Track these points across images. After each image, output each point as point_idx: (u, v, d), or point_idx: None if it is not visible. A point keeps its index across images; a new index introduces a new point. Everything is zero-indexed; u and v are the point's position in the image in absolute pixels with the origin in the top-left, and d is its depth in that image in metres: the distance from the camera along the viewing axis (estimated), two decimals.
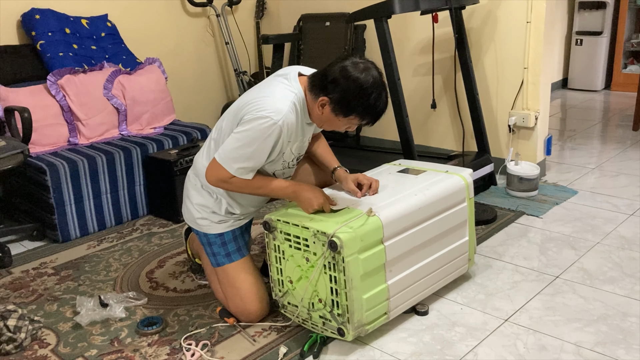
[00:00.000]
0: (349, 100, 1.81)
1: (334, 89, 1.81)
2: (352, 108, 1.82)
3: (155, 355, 1.93)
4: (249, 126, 1.82)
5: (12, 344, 1.96)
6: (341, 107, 1.83)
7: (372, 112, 1.85)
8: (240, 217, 2.12)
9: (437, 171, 2.23)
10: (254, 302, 2.05)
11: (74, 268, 2.60)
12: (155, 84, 3.44)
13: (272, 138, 1.83)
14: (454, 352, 1.88)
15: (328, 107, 1.84)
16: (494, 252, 2.55)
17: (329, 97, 1.82)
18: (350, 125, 1.91)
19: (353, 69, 1.80)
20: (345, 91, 1.80)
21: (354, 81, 1.79)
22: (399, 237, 1.94)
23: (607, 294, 2.18)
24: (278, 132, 1.83)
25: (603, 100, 5.50)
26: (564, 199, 3.10)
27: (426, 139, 3.78)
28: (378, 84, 1.83)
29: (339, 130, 1.96)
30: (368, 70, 1.82)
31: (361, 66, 1.82)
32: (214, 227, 2.08)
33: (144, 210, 3.17)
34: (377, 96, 1.82)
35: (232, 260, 2.08)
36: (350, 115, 1.84)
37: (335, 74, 1.81)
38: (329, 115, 1.87)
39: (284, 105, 1.83)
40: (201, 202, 2.08)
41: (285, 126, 1.83)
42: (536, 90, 3.26)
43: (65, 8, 3.40)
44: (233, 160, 1.86)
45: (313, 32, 4.03)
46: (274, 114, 1.80)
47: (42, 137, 3.01)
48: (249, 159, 1.86)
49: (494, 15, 3.30)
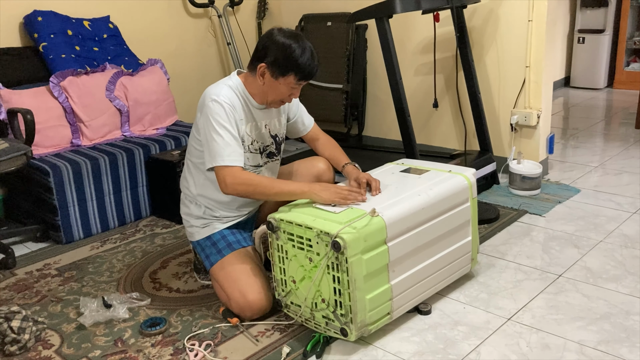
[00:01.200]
0: (282, 59, 1.98)
1: (266, 54, 2.01)
2: (287, 66, 1.99)
3: (158, 355, 1.93)
4: (204, 115, 2.04)
5: (16, 345, 1.97)
6: (278, 67, 2.00)
7: (306, 66, 2.00)
8: (222, 219, 2.21)
9: (440, 171, 2.23)
10: (253, 293, 2.05)
11: (78, 269, 2.60)
12: (157, 85, 3.44)
13: (223, 116, 2.01)
14: (457, 351, 1.88)
15: (267, 73, 2.02)
16: (496, 251, 2.55)
17: (265, 61, 2.01)
18: (292, 90, 2.06)
19: (279, 34, 2.01)
20: (276, 52, 1.99)
21: (282, 42, 1.99)
22: (402, 237, 1.94)
23: (610, 293, 2.18)
24: (228, 108, 2.02)
25: (605, 99, 5.49)
26: (566, 198, 3.10)
27: (428, 138, 3.78)
28: (306, 44, 2.01)
29: (284, 99, 2.10)
30: (295, 35, 2.02)
31: (287, 32, 2.02)
32: (201, 232, 2.22)
33: (146, 211, 3.18)
34: (309, 54, 2.00)
35: (224, 255, 2.13)
36: (287, 74, 2.00)
37: (264, 41, 2.03)
38: (269, 82, 2.03)
39: (219, 89, 2.07)
40: (186, 211, 2.27)
41: (228, 100, 2.03)
42: (538, 88, 3.26)
43: (67, 10, 3.41)
44: (218, 154, 2.00)
45: (315, 32, 4.03)
46: (214, 95, 2.04)
47: (45, 138, 3.02)
48: (227, 143, 2.00)
49: (496, 14, 3.30)
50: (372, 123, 4.07)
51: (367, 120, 4.09)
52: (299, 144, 4.05)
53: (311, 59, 2.01)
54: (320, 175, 2.32)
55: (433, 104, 3.48)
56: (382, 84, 3.79)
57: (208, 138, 2.02)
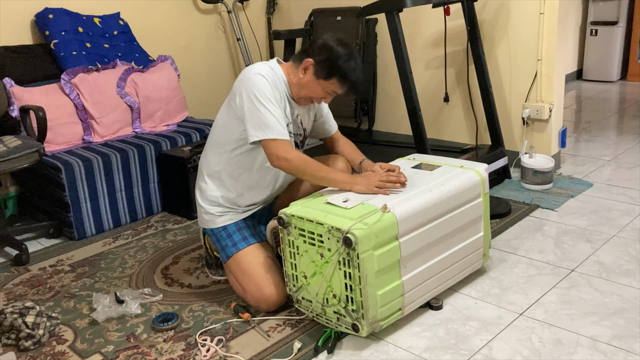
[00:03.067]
0: (332, 62, 2.00)
1: (319, 53, 2.03)
2: (334, 71, 2.01)
3: (170, 350, 1.95)
4: (247, 89, 2.00)
5: (31, 340, 1.99)
6: (324, 69, 2.01)
7: (352, 78, 2.04)
8: (239, 208, 2.20)
9: (452, 166, 2.21)
10: (269, 286, 2.06)
11: (90, 265, 2.62)
12: (167, 82, 3.45)
13: (269, 89, 2.00)
14: (468, 346, 1.88)
15: (311, 70, 2.03)
16: (508, 246, 2.54)
17: (314, 58, 2.02)
18: (327, 94, 2.08)
19: (337, 41, 2.05)
20: (329, 55, 2.01)
21: (337, 50, 2.02)
22: (413, 233, 1.93)
23: (623, 287, 2.16)
24: (272, 82, 2.01)
25: (619, 91, 5.43)
26: (579, 192, 3.08)
27: (439, 133, 3.76)
28: (357, 58, 2.05)
29: (315, 99, 2.11)
30: (350, 47, 2.06)
31: (345, 42, 2.06)
32: (216, 221, 2.19)
33: (158, 207, 3.19)
34: (356, 66, 2.04)
35: (240, 249, 2.14)
36: (330, 78, 2.02)
37: (321, 41, 2.05)
38: (310, 78, 2.04)
39: (261, 67, 2.06)
40: (203, 196, 2.22)
41: (270, 77, 2.02)
42: (550, 82, 3.23)
43: (78, 7, 3.42)
44: (267, 127, 1.98)
45: (324, 26, 4.02)
46: (257, 70, 2.03)
47: (57, 135, 3.04)
48: (274, 116, 1.98)
49: (507, 7, 3.27)
50: (383, 118, 4.06)
51: (377, 115, 4.08)
52: (309, 140, 4.05)
53: (360, 75, 2.05)
54: None
55: (444, 98, 3.46)
56: (393, 78, 3.78)
57: (252, 110, 1.98)
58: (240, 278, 2.13)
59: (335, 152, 2.38)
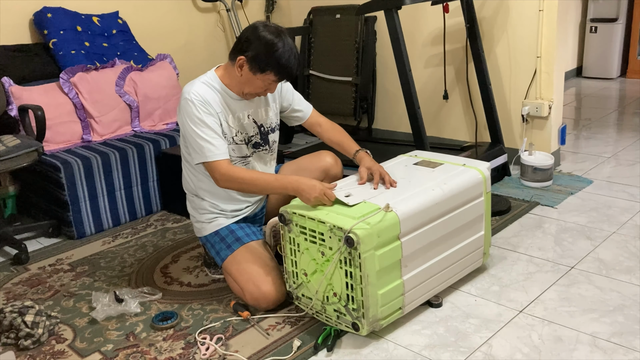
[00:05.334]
0: (264, 56, 1.96)
1: (248, 47, 1.98)
2: (267, 64, 1.97)
3: (170, 349, 1.94)
4: (182, 116, 2.05)
5: (30, 340, 1.99)
6: (257, 63, 1.98)
7: (286, 67, 1.99)
8: (228, 213, 2.22)
9: (455, 164, 2.20)
10: (267, 284, 2.06)
11: (90, 264, 2.62)
12: (166, 80, 3.45)
13: (197, 113, 2.01)
14: (468, 343, 1.87)
15: (246, 66, 2.00)
16: (508, 243, 2.53)
17: (245, 55, 1.99)
18: (269, 86, 2.05)
19: (264, 29, 1.98)
20: (259, 48, 1.96)
21: (266, 39, 1.96)
22: (415, 232, 1.92)
23: (623, 284, 2.16)
24: (199, 104, 2.02)
25: (618, 88, 5.42)
26: (579, 189, 3.07)
27: (439, 130, 3.76)
28: (289, 43, 1.99)
29: (260, 93, 2.09)
30: (279, 32, 1.99)
31: (272, 28, 1.99)
32: (207, 228, 2.23)
33: (157, 206, 3.19)
34: (289, 53, 1.98)
35: (234, 249, 2.15)
36: (266, 71, 1.99)
37: (247, 34, 2.00)
38: (247, 75, 2.02)
39: (191, 86, 2.08)
40: (192, 207, 2.28)
41: (199, 97, 2.03)
42: (550, 79, 3.22)
43: (76, 6, 3.42)
44: (200, 149, 2.02)
45: (323, 24, 4.02)
46: (185, 94, 2.05)
47: (55, 134, 3.04)
48: (206, 139, 2.01)
49: (506, 4, 3.26)
50: (382, 116, 4.06)
51: (377, 113, 4.07)
52: (309, 138, 4.05)
53: (293, 59, 2.00)
54: (328, 170, 2.30)
55: (443, 96, 3.46)
56: (392, 76, 3.77)
57: (187, 136, 2.05)
58: (238, 278, 2.12)
59: (324, 140, 2.34)
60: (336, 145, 2.31)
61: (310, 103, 2.38)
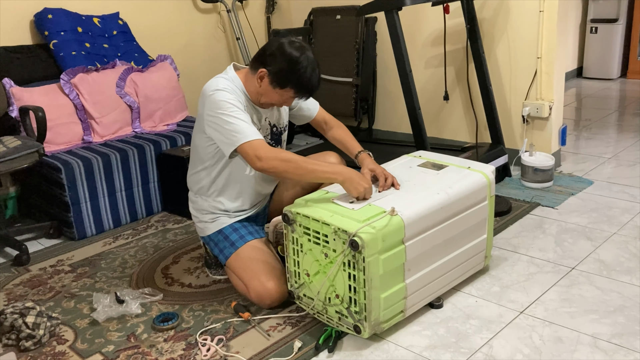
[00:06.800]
0: (286, 73, 1.98)
1: (271, 62, 1.99)
2: (288, 80, 1.99)
3: (171, 350, 1.94)
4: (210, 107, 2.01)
5: (31, 341, 1.99)
6: (278, 79, 1.99)
7: (307, 86, 2.01)
8: (231, 213, 2.22)
9: (459, 167, 2.19)
10: (271, 280, 2.07)
11: (90, 265, 2.62)
12: (167, 81, 3.45)
13: (231, 98, 2.00)
14: (469, 344, 1.87)
15: (266, 79, 2.01)
16: (509, 244, 2.53)
17: (267, 69, 1.99)
18: (286, 100, 2.07)
19: (289, 46, 1.99)
20: (282, 64, 1.97)
21: (290, 56, 1.97)
22: (419, 237, 1.91)
23: (624, 285, 2.16)
24: (232, 92, 2.01)
25: (619, 89, 5.42)
26: (579, 190, 3.07)
27: (439, 131, 3.76)
28: (312, 61, 2.00)
29: (275, 103, 2.10)
30: (303, 49, 1.99)
31: (297, 44, 2.00)
32: (210, 227, 2.23)
33: (158, 206, 3.19)
34: (311, 71, 1.99)
35: (238, 247, 2.16)
36: (286, 87, 2.00)
37: (273, 48, 2.00)
38: (266, 88, 2.03)
39: (218, 81, 2.06)
40: (194, 207, 2.28)
41: (228, 88, 2.02)
42: (550, 80, 3.22)
43: (77, 7, 3.42)
44: (241, 133, 1.96)
45: (324, 25, 4.02)
46: (214, 86, 2.03)
47: (56, 135, 3.04)
48: (245, 122, 1.98)
49: (506, 5, 3.26)
50: (383, 116, 4.06)
51: (378, 114, 4.07)
52: (309, 139, 4.06)
53: (315, 77, 2.01)
54: None
55: (444, 97, 3.46)
56: (392, 77, 3.77)
57: (221, 124, 1.98)
58: (242, 275, 2.13)
59: (328, 137, 2.35)
60: (339, 144, 2.31)
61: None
